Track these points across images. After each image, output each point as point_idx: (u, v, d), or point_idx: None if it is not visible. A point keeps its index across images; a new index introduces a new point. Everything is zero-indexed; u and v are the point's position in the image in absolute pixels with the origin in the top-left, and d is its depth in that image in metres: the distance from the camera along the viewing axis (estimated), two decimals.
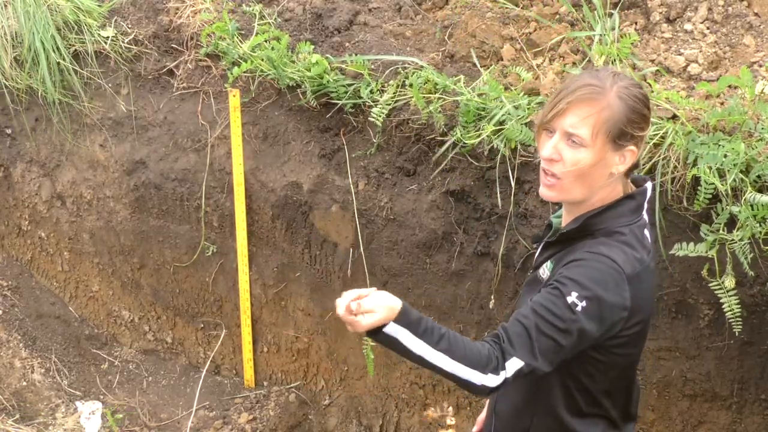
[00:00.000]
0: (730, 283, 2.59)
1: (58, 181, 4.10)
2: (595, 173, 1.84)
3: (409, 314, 1.82)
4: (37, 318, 4.17)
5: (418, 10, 3.76)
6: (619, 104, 1.80)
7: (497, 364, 1.76)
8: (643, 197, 1.91)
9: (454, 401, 3.50)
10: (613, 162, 1.83)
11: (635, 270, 1.82)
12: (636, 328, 1.85)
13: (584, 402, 1.94)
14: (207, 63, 3.74)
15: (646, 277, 1.85)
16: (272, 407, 3.80)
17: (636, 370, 2.03)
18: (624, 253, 1.82)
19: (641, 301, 1.83)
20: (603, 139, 1.81)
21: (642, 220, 1.90)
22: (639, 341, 1.92)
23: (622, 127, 1.80)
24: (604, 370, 1.90)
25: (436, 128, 3.15)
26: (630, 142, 1.82)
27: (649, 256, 1.89)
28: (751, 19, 3.14)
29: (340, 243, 3.50)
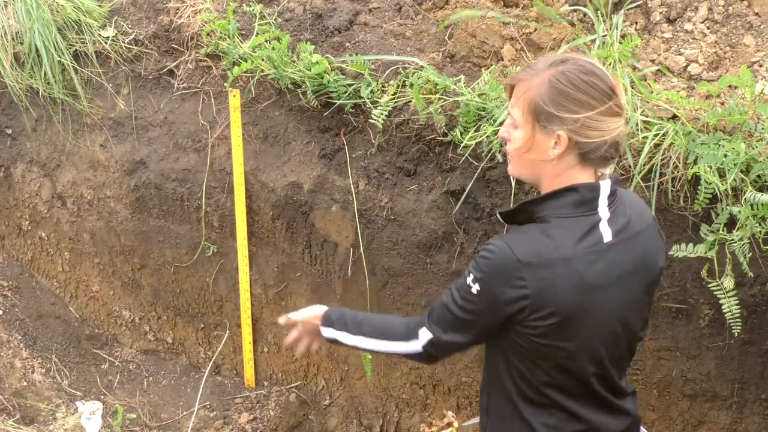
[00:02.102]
0: (730, 284, 2.59)
1: (58, 181, 4.10)
2: (531, 154, 1.87)
3: (330, 315, 2.18)
4: (37, 318, 4.17)
5: (418, 10, 3.76)
6: (545, 86, 1.80)
7: (409, 331, 2.01)
8: (592, 192, 1.86)
9: (454, 401, 3.50)
10: (546, 145, 1.83)
11: (541, 259, 1.80)
12: (550, 320, 1.82)
13: (530, 390, 1.95)
14: (207, 63, 3.74)
15: (562, 269, 1.81)
16: (273, 407, 3.80)
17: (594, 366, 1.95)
18: (533, 241, 1.82)
19: (550, 293, 1.81)
20: (530, 120, 1.84)
21: (594, 216, 1.86)
22: (566, 335, 1.86)
23: (545, 108, 1.80)
24: (533, 359, 1.89)
25: (437, 128, 3.15)
26: (556, 125, 1.80)
27: (589, 251, 1.84)
28: (751, 18, 3.14)
29: (340, 243, 3.50)
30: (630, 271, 1.91)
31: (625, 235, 1.90)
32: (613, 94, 1.81)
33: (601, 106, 1.79)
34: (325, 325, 2.19)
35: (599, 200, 1.87)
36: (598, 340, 1.92)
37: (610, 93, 1.81)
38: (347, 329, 2.13)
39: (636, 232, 1.92)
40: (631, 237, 1.91)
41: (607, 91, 1.80)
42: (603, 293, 1.87)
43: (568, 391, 1.95)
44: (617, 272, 1.89)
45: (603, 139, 1.81)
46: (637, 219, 1.94)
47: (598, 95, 1.80)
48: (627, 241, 1.90)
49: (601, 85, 1.80)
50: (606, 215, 1.87)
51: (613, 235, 1.87)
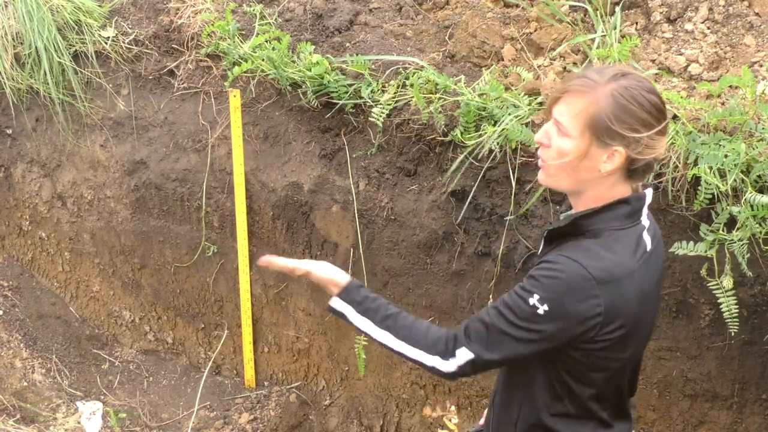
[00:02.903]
0: (729, 283, 2.59)
1: (58, 182, 4.10)
2: (579, 166, 1.83)
3: (353, 293, 2.00)
4: (37, 318, 4.17)
5: (418, 10, 3.76)
6: (608, 101, 1.77)
7: (446, 348, 1.89)
8: (639, 203, 1.87)
9: (454, 401, 3.50)
10: (599, 159, 1.80)
11: (612, 276, 1.78)
12: (617, 333, 1.81)
13: (571, 405, 1.93)
14: (207, 63, 3.74)
15: (628, 282, 1.81)
16: (273, 407, 3.80)
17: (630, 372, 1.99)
18: (599, 258, 1.80)
19: (621, 307, 1.80)
20: (587, 133, 1.79)
21: (639, 226, 1.87)
22: (624, 346, 1.86)
23: (608, 125, 1.76)
24: (588, 373, 1.88)
25: (437, 128, 3.15)
26: (617, 142, 1.77)
27: (642, 261, 1.86)
28: (751, 18, 3.14)
29: (340, 243, 3.50)
30: (660, 277, 1.96)
31: (656, 240, 1.93)
32: (665, 114, 1.80)
33: (659, 125, 1.78)
34: (344, 300, 2.01)
35: (643, 209, 1.89)
36: (643, 345, 1.97)
37: (664, 112, 1.80)
38: (368, 316, 2.00)
39: (659, 238, 1.96)
40: (659, 241, 1.95)
41: (663, 110, 1.80)
42: (650, 301, 1.90)
43: (605, 401, 1.95)
44: (656, 278, 1.92)
45: (653, 156, 1.80)
46: (655, 223, 1.97)
47: (658, 114, 1.78)
48: (657, 245, 1.93)
49: (660, 104, 1.79)
50: (647, 223, 1.90)
51: (652, 242, 1.90)
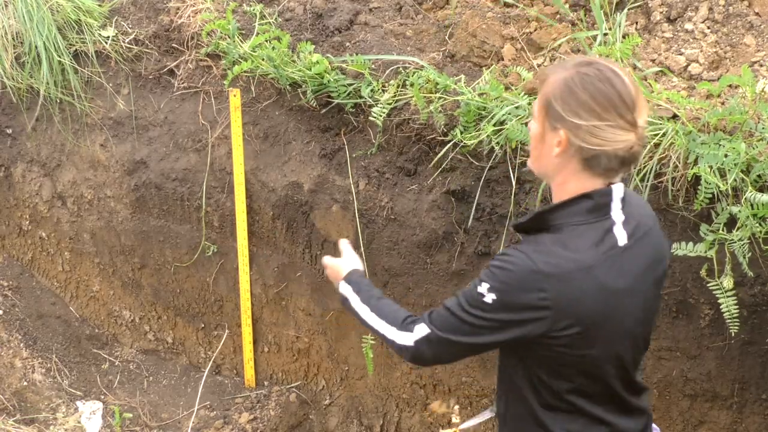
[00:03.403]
0: (729, 284, 2.59)
1: (58, 181, 4.10)
2: (541, 150, 1.88)
3: (353, 275, 2.26)
4: (37, 318, 4.17)
5: (418, 9, 3.76)
6: (559, 84, 1.80)
7: (406, 323, 2.02)
8: (605, 198, 1.85)
9: (454, 401, 3.50)
10: (552, 143, 1.83)
11: (561, 269, 1.78)
12: (574, 329, 1.80)
13: (551, 398, 1.92)
14: (207, 63, 3.74)
15: (582, 277, 1.80)
16: (273, 407, 3.80)
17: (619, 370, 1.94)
18: (549, 252, 1.81)
19: (574, 302, 1.79)
20: (542, 115, 1.84)
21: (607, 221, 1.85)
22: (589, 342, 1.84)
23: (555, 106, 1.79)
24: (558, 368, 1.88)
25: (437, 128, 3.15)
26: (560, 124, 1.79)
27: (607, 256, 1.83)
28: (751, 18, 3.14)
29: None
30: (643, 271, 1.90)
31: (638, 236, 1.89)
32: (625, 107, 1.76)
33: (606, 115, 1.76)
34: (345, 281, 2.25)
35: (612, 204, 1.86)
36: (621, 342, 1.90)
37: (621, 105, 1.76)
38: (360, 294, 2.18)
39: (646, 231, 1.92)
40: (643, 236, 1.91)
41: (616, 102, 1.76)
42: (624, 297, 1.86)
43: (591, 396, 1.93)
44: (634, 274, 1.87)
45: (603, 149, 1.77)
46: (644, 217, 1.94)
47: (606, 104, 1.76)
48: (639, 241, 1.89)
49: (613, 95, 1.76)
50: (620, 218, 1.86)
51: (628, 237, 1.86)
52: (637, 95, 1.79)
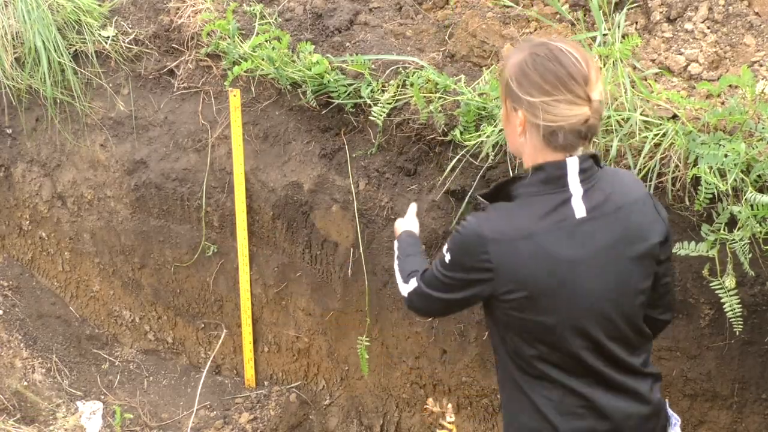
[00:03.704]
0: (731, 283, 2.59)
1: (58, 181, 4.10)
2: (508, 129, 2.01)
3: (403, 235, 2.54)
4: (37, 318, 4.17)
5: (418, 9, 3.76)
6: (516, 67, 1.90)
7: (409, 278, 2.26)
8: (558, 170, 1.92)
9: (454, 401, 3.50)
10: (514, 122, 1.94)
11: (504, 236, 1.91)
12: (520, 293, 1.91)
13: (524, 364, 2.01)
14: (207, 63, 3.74)
15: (525, 244, 1.90)
16: (273, 407, 3.80)
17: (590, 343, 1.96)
18: (495, 219, 1.95)
19: (516, 267, 1.91)
20: (504, 97, 1.97)
21: (564, 193, 1.92)
22: (539, 308, 1.93)
23: (513, 88, 1.90)
24: (517, 333, 1.98)
25: (437, 128, 3.15)
26: (517, 104, 1.90)
27: (556, 227, 1.91)
28: (751, 18, 3.14)
29: (340, 243, 3.50)
30: (610, 245, 1.94)
31: (603, 210, 1.94)
32: (574, 83, 1.85)
33: (556, 92, 1.85)
34: (397, 240, 2.54)
35: (568, 177, 1.92)
36: (582, 314, 1.95)
37: (570, 81, 1.85)
38: (398, 251, 2.46)
39: (617, 207, 1.95)
40: (611, 212, 1.94)
41: (565, 79, 1.85)
42: (579, 268, 1.92)
43: (560, 366, 1.99)
44: (594, 247, 1.92)
45: (559, 125, 1.86)
46: (619, 194, 1.97)
47: (555, 82, 1.85)
48: (605, 215, 1.93)
49: (562, 72, 1.85)
50: (578, 191, 1.92)
51: (587, 210, 1.92)
52: (589, 71, 1.86)
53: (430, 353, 3.46)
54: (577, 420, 2.01)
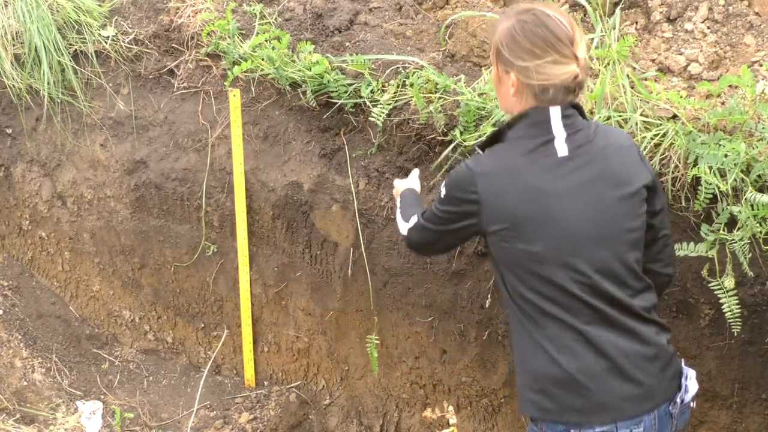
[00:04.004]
0: (730, 283, 2.59)
1: (58, 181, 4.10)
2: (500, 90, 2.19)
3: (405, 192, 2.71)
4: (37, 318, 4.17)
5: (418, 9, 3.76)
6: (505, 33, 2.09)
7: (410, 217, 2.47)
8: (541, 115, 2.10)
9: (454, 401, 3.50)
10: (507, 84, 2.13)
11: (490, 169, 2.12)
12: (503, 224, 2.10)
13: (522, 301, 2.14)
14: (207, 63, 3.74)
15: (508, 176, 2.10)
16: (273, 407, 3.80)
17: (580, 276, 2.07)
18: (487, 157, 2.17)
19: (500, 196, 2.10)
20: (495, 61, 2.15)
21: (548, 135, 2.10)
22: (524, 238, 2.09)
23: (504, 54, 2.09)
24: (510, 267, 2.14)
25: (437, 128, 3.15)
26: (510, 68, 2.09)
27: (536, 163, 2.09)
28: (751, 18, 3.14)
29: (340, 243, 3.50)
30: (591, 180, 2.10)
31: (585, 150, 2.11)
32: (562, 44, 2.04)
33: (546, 55, 2.04)
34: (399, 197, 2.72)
35: (551, 122, 2.10)
36: (564, 244, 2.08)
37: (557, 43, 2.04)
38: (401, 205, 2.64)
39: (600, 148, 2.12)
40: (594, 152, 2.12)
41: (553, 42, 2.04)
42: (559, 200, 2.08)
43: (555, 301, 2.09)
44: (574, 181, 2.09)
45: (551, 83, 2.05)
46: (603, 138, 2.15)
47: (544, 46, 2.04)
48: (587, 154, 2.11)
49: (549, 36, 2.05)
50: (561, 134, 2.10)
51: (569, 150, 2.10)
52: (573, 32, 2.06)
53: (430, 353, 3.46)
54: (574, 357, 2.09)
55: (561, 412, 2.10)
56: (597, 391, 2.08)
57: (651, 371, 2.13)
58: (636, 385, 2.10)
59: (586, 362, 2.09)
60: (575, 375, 2.08)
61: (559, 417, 2.11)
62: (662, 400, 2.15)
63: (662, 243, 2.28)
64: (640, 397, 2.11)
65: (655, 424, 2.14)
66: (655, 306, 2.23)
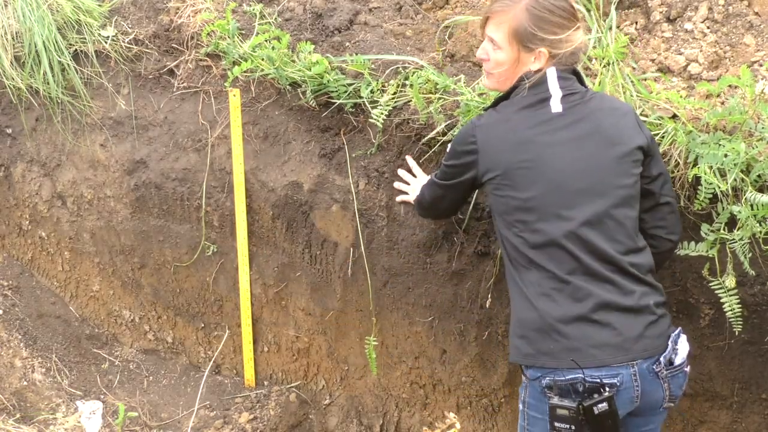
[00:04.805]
0: (731, 283, 2.60)
1: (58, 181, 4.10)
2: (514, 69, 2.36)
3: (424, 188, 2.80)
4: (37, 318, 4.17)
5: (418, 9, 3.76)
6: (525, 15, 2.27)
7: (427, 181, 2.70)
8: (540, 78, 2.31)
9: (454, 401, 3.50)
10: (528, 61, 2.33)
11: (490, 122, 2.34)
12: (495, 173, 2.28)
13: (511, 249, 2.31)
14: (207, 63, 3.74)
15: (502, 126, 2.31)
16: (273, 407, 3.80)
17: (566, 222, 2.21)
18: (488, 114, 2.38)
19: (494, 143, 2.31)
20: (514, 44, 2.32)
21: (545, 94, 2.30)
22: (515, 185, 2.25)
23: (530, 34, 2.28)
24: (501, 214, 2.32)
25: (437, 128, 3.15)
26: (540, 44, 2.29)
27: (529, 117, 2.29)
28: (751, 18, 3.14)
29: (340, 243, 3.50)
30: (583, 137, 2.27)
31: (580, 109, 2.29)
32: (576, 12, 2.34)
33: (571, 24, 2.30)
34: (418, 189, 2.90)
35: (548, 82, 2.30)
36: (554, 195, 2.23)
37: (575, 12, 2.33)
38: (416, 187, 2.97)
39: (594, 109, 2.30)
40: (588, 111, 2.30)
41: (572, 11, 2.32)
42: (550, 149, 2.25)
43: (539, 248, 2.24)
44: (566, 136, 2.26)
45: (575, 48, 2.32)
46: (599, 102, 2.34)
47: (569, 17, 2.30)
48: (579, 113, 2.29)
49: (569, 7, 2.31)
50: (558, 94, 2.29)
51: (564, 108, 2.28)
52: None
53: (430, 353, 3.47)
54: (552, 303, 2.20)
55: (536, 356, 2.21)
56: (570, 337, 2.16)
57: (630, 325, 2.18)
58: (611, 335, 2.15)
59: (563, 309, 2.18)
60: (550, 321, 2.19)
61: (535, 361, 2.22)
62: (640, 356, 2.16)
63: (666, 210, 2.42)
64: (613, 347, 2.15)
65: (636, 380, 2.16)
66: (652, 269, 2.32)
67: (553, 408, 2.15)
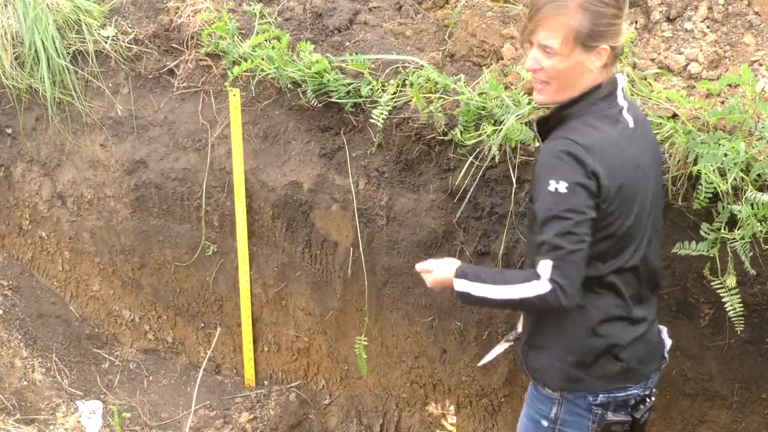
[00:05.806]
0: (732, 282, 2.59)
1: (58, 181, 4.10)
2: (574, 74, 2.15)
3: (465, 269, 2.25)
4: (37, 317, 4.17)
5: (418, 9, 3.76)
6: (582, 14, 2.09)
7: (533, 274, 2.08)
8: (612, 86, 2.17)
9: (454, 401, 3.50)
10: (589, 61, 2.13)
11: (597, 144, 2.08)
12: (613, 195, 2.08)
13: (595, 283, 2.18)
14: (207, 62, 3.74)
15: (612, 148, 2.10)
16: (273, 406, 3.80)
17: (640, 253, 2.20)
18: (584, 133, 2.10)
19: (610, 169, 2.07)
20: (572, 46, 2.12)
21: (616, 107, 2.17)
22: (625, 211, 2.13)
23: (590, 32, 2.09)
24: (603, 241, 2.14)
25: (437, 128, 3.15)
26: (601, 41, 2.11)
27: (623, 135, 2.15)
28: (751, 17, 3.14)
29: (340, 242, 3.50)
30: (651, 151, 2.24)
31: (640, 123, 2.22)
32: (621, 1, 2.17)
33: (623, 13, 2.15)
34: (459, 278, 2.24)
35: (618, 91, 2.18)
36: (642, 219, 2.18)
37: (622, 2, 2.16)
38: (481, 280, 2.20)
39: (645, 122, 2.27)
40: (644, 125, 2.25)
41: (620, 1, 2.16)
42: (642, 169, 2.17)
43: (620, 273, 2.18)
44: (646, 152, 2.20)
45: (625, 38, 2.18)
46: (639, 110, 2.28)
47: (620, 4, 2.14)
48: (642, 127, 2.23)
49: None
50: (624, 104, 2.19)
51: (633, 121, 2.18)
52: None
53: (430, 353, 3.46)
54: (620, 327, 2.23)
55: (588, 381, 2.23)
56: (628, 359, 2.24)
57: (654, 333, 2.37)
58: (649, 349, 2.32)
59: (627, 333, 2.23)
60: (616, 345, 2.22)
61: (588, 385, 2.23)
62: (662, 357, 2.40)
63: None
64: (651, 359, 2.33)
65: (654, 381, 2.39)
66: None
67: (609, 424, 2.24)
